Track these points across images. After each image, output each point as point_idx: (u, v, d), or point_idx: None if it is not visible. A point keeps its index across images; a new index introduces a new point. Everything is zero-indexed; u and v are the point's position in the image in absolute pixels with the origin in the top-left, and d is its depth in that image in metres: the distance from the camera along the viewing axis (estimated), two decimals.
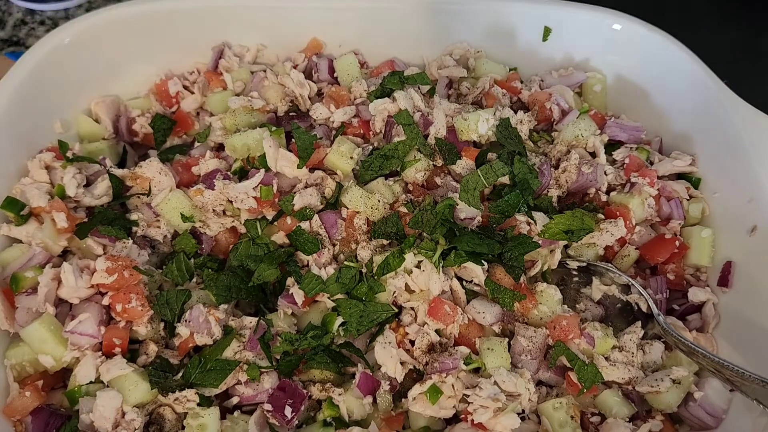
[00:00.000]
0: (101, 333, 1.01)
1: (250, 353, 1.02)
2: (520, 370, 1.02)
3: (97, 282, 1.03)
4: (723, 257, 1.16)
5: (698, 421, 1.01)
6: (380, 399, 1.02)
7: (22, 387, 1.00)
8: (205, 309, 1.04)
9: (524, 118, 1.25)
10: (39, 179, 1.15)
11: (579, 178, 1.18)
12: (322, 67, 1.36)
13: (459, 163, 1.19)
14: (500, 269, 1.07)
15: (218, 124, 1.25)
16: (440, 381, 0.98)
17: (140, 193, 1.18)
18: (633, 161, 1.23)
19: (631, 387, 1.04)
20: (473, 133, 1.21)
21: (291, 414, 0.97)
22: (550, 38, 1.37)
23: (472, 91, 1.34)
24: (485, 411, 0.94)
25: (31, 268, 1.06)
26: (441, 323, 1.03)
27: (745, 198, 1.14)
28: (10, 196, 1.11)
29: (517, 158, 1.16)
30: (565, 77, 1.37)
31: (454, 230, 1.07)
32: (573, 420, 0.98)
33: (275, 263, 1.09)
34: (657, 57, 1.32)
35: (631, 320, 1.11)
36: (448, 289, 1.07)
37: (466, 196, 1.11)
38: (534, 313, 1.07)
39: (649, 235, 1.19)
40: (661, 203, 1.21)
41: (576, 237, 1.11)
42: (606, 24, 1.35)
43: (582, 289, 1.16)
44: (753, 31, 1.76)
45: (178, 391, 0.98)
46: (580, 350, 1.04)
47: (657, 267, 1.18)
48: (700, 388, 1.02)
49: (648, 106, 1.36)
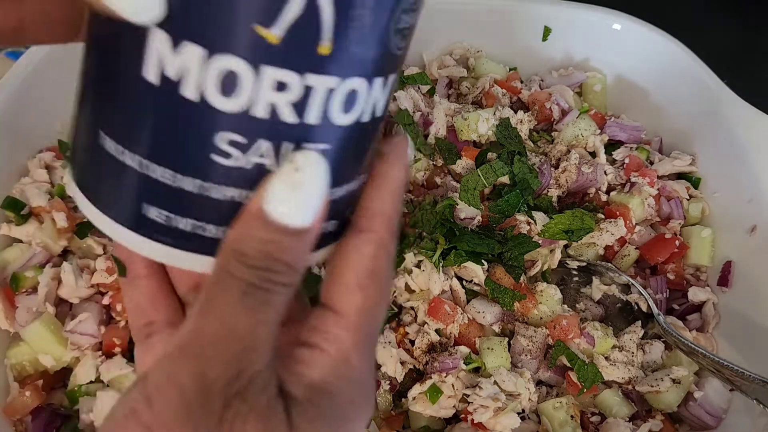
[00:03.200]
0: (101, 333, 1.01)
1: None
2: (520, 369, 1.02)
3: (97, 282, 1.03)
4: (723, 257, 1.16)
5: (698, 420, 1.01)
6: (380, 399, 1.02)
7: (22, 387, 1.00)
8: None
9: (524, 118, 1.25)
10: (39, 179, 1.15)
11: (579, 178, 1.18)
12: None
13: (459, 163, 1.19)
14: (500, 269, 1.07)
15: None
16: (440, 381, 0.98)
17: None
18: (633, 161, 1.23)
19: (631, 387, 1.04)
20: (473, 132, 1.21)
21: None
22: (550, 38, 1.37)
23: (472, 91, 1.34)
24: (485, 411, 0.94)
25: (31, 268, 1.06)
26: (441, 323, 1.03)
27: (745, 198, 1.14)
28: (10, 196, 1.10)
29: (517, 158, 1.16)
30: (565, 77, 1.37)
31: (454, 230, 1.07)
32: (573, 420, 0.98)
33: None
34: (657, 57, 1.31)
35: (631, 320, 1.11)
36: (448, 288, 1.07)
37: (466, 196, 1.11)
38: (534, 313, 1.07)
39: (649, 234, 1.19)
40: (661, 203, 1.21)
41: (576, 237, 1.11)
42: (606, 24, 1.35)
43: (582, 289, 1.16)
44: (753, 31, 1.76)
45: None
46: (580, 350, 1.04)
47: (657, 267, 1.18)
48: (700, 387, 1.02)
49: (648, 105, 1.36)
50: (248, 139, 0.35)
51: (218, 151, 0.35)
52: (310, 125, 0.36)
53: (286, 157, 0.37)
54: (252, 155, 0.35)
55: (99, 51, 0.36)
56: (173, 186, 0.35)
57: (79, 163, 0.39)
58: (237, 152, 0.35)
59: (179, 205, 0.36)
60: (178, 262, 0.38)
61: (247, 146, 0.35)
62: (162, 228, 0.37)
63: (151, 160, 0.35)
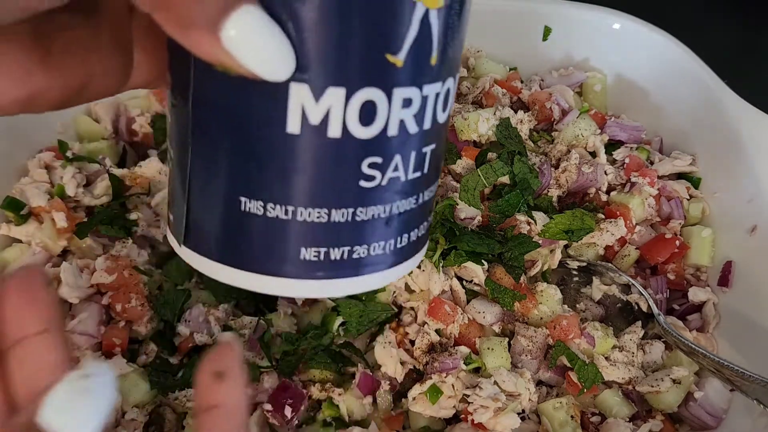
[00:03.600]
0: (101, 333, 1.01)
1: (249, 353, 1.02)
2: (520, 370, 1.02)
3: (96, 282, 1.03)
4: (723, 257, 1.16)
5: (698, 420, 1.01)
6: (380, 399, 1.02)
7: None
8: (204, 309, 1.04)
9: (524, 118, 1.25)
10: (39, 179, 1.15)
11: (579, 178, 1.18)
12: None
13: (459, 163, 1.19)
14: (500, 269, 1.07)
15: None
16: (440, 381, 0.98)
17: (140, 192, 1.18)
18: (633, 161, 1.23)
19: (632, 387, 1.04)
20: (473, 132, 1.21)
21: (291, 414, 0.97)
22: (550, 38, 1.37)
23: (472, 91, 1.34)
24: (485, 411, 0.94)
25: None
26: (441, 323, 1.03)
27: (745, 198, 1.14)
28: (10, 196, 1.10)
29: (517, 158, 1.16)
30: (565, 77, 1.37)
31: (454, 230, 1.07)
32: (573, 420, 0.98)
33: None
34: (657, 57, 1.31)
35: (631, 320, 1.11)
36: (448, 289, 1.07)
37: (466, 196, 1.11)
38: (534, 313, 1.07)
39: (650, 234, 1.19)
40: (661, 203, 1.21)
41: (576, 237, 1.11)
42: (606, 23, 1.35)
43: (582, 289, 1.16)
44: (753, 31, 1.76)
45: (177, 391, 0.98)
46: (581, 350, 1.04)
47: (657, 267, 1.18)
48: (701, 388, 1.02)
49: (648, 105, 1.36)
50: (386, 159, 0.38)
51: (365, 177, 0.37)
52: (426, 130, 0.39)
53: (78, 367, 0.38)
54: (389, 171, 0.38)
55: (226, 117, 0.35)
56: (328, 222, 0.38)
57: (206, 234, 0.40)
58: (378, 173, 0.38)
59: (335, 238, 0.38)
60: (330, 292, 0.40)
61: (386, 165, 0.38)
62: (317, 265, 0.39)
63: (305, 206, 0.37)
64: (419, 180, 0.41)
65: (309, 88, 0.33)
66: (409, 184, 0.40)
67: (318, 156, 0.35)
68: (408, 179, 0.39)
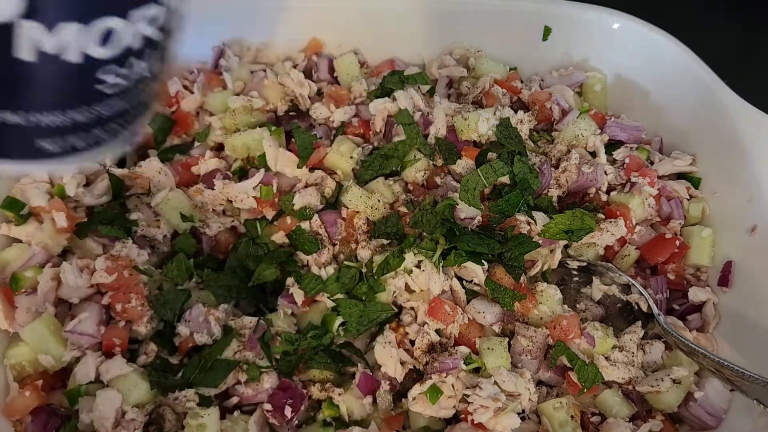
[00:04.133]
0: (101, 333, 1.01)
1: (249, 353, 1.02)
2: (520, 370, 1.02)
3: (96, 282, 1.03)
4: (723, 257, 1.15)
5: (698, 421, 1.01)
6: (380, 399, 1.02)
7: (22, 387, 0.99)
8: (204, 309, 1.04)
9: (524, 118, 1.25)
10: (38, 179, 1.14)
11: (579, 178, 1.18)
12: (322, 66, 1.36)
13: (459, 163, 1.19)
14: (500, 269, 1.07)
15: (218, 124, 1.25)
16: (440, 381, 0.98)
17: (140, 192, 1.18)
18: (633, 161, 1.23)
19: (632, 387, 1.04)
20: (473, 132, 1.21)
21: (291, 414, 0.97)
22: (550, 38, 1.37)
23: (472, 91, 1.34)
24: (485, 411, 0.94)
25: (30, 268, 1.06)
26: (441, 323, 1.03)
27: (745, 198, 1.14)
28: (10, 196, 1.10)
29: (517, 158, 1.16)
30: (565, 77, 1.37)
31: (454, 230, 1.07)
32: (573, 420, 0.98)
33: (275, 263, 1.09)
34: (657, 57, 1.31)
35: (631, 320, 1.11)
36: (448, 289, 1.07)
37: (466, 196, 1.11)
38: (534, 313, 1.07)
39: (650, 234, 1.19)
40: (661, 203, 1.21)
41: (576, 237, 1.11)
42: (606, 23, 1.35)
43: (582, 289, 1.16)
44: (753, 31, 1.76)
45: (177, 391, 0.98)
46: (581, 350, 1.04)
47: (657, 267, 1.18)
48: (701, 388, 1.02)
49: (648, 105, 1.36)
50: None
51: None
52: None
53: None
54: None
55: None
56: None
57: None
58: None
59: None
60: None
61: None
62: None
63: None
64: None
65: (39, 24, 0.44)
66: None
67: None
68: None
